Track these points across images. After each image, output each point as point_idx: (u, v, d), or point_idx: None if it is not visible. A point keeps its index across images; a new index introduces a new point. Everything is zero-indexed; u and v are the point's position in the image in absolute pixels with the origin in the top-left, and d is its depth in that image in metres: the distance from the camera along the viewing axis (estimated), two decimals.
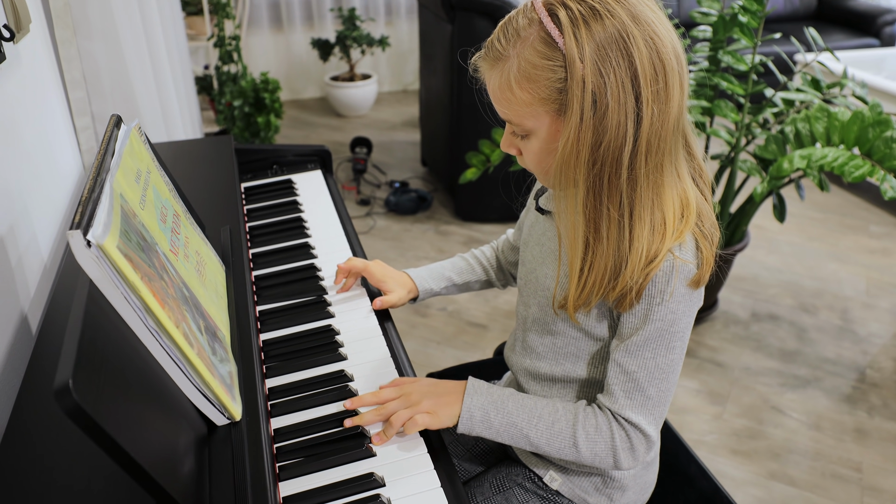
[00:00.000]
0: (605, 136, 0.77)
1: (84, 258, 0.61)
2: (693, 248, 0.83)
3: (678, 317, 0.83)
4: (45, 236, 1.14)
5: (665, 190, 0.81)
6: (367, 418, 0.87)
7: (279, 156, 1.59)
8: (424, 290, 1.15)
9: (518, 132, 0.85)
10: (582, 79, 0.75)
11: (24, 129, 1.12)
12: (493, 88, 0.84)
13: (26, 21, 1.16)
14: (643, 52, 0.76)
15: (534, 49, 0.78)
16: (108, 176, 0.73)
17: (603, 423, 0.88)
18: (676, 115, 0.79)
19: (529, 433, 0.88)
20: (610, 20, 0.75)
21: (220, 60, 3.45)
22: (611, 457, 0.88)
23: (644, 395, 0.86)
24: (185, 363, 0.70)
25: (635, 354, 0.85)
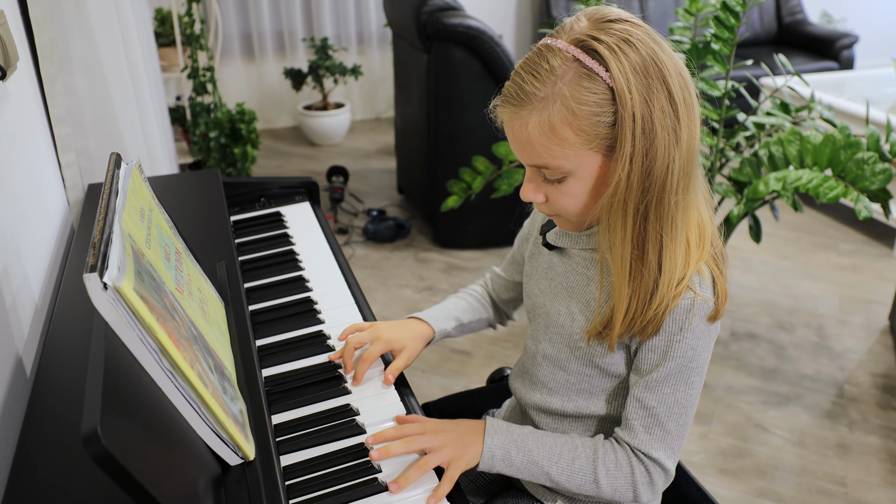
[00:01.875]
0: (656, 164, 0.77)
1: (100, 301, 0.61)
2: (710, 283, 0.84)
3: (697, 353, 0.84)
4: (35, 276, 1.12)
5: (689, 212, 0.83)
6: (396, 450, 0.85)
7: (265, 188, 1.59)
8: (440, 331, 1.11)
9: (552, 177, 0.82)
10: (632, 110, 0.75)
11: (15, 167, 1.11)
12: (532, 133, 0.79)
13: (14, 58, 1.15)
14: (674, 76, 0.77)
15: (578, 86, 0.76)
16: (115, 216, 0.72)
17: (623, 458, 0.88)
18: (698, 134, 0.81)
19: (550, 471, 0.89)
20: (642, 47, 0.76)
21: (194, 91, 3.44)
22: (630, 491, 0.88)
23: (663, 430, 0.87)
24: (200, 404, 0.69)
25: (655, 390, 0.86)
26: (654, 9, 4.69)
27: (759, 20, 4.95)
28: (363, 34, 4.67)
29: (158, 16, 3.69)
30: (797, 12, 4.93)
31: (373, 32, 4.65)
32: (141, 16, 2.15)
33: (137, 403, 0.63)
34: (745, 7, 1.97)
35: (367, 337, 1.03)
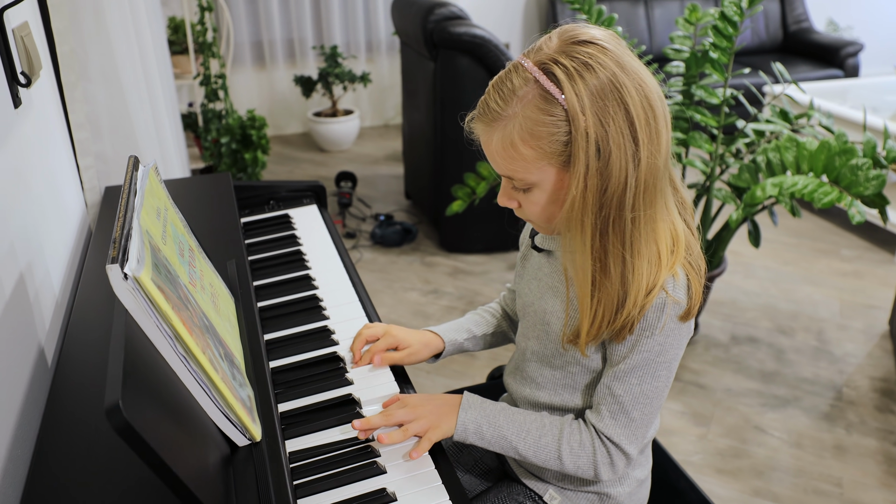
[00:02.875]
0: (611, 182, 0.81)
1: (121, 290, 0.66)
2: (685, 284, 0.88)
3: (665, 348, 0.89)
4: (56, 273, 1.18)
5: (658, 224, 0.87)
6: (375, 422, 0.94)
7: (274, 192, 1.65)
8: (450, 342, 1.15)
9: (519, 186, 0.88)
10: (585, 131, 0.79)
11: (37, 170, 1.17)
12: (495, 147, 0.85)
13: (38, 67, 1.22)
14: (635, 98, 0.80)
15: (534, 107, 0.81)
16: (134, 214, 0.78)
17: (587, 439, 0.94)
18: (665, 152, 0.84)
19: (518, 446, 0.95)
20: (602, 71, 0.80)
21: (206, 98, 3.51)
22: (592, 470, 0.94)
23: (628, 417, 0.91)
24: (211, 387, 0.75)
25: (622, 380, 0.90)
26: (660, 17, 4.74)
27: (765, 28, 4.99)
28: (372, 42, 4.74)
29: (172, 24, 3.77)
30: (802, 21, 4.96)
31: (381, 40, 4.72)
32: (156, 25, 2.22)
33: (154, 385, 0.69)
34: (742, 17, 2.02)
35: (380, 332, 1.11)
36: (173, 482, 0.61)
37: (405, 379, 1.09)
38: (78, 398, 0.92)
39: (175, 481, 0.61)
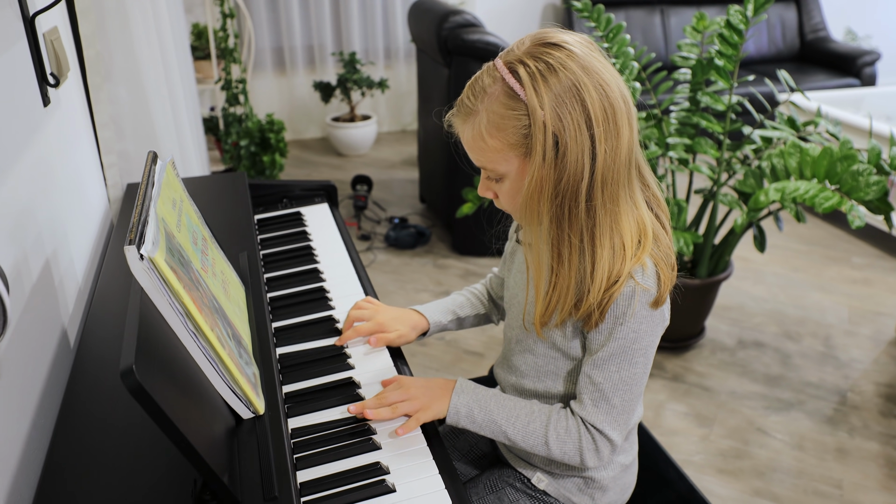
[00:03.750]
0: (566, 172, 0.88)
1: (137, 269, 0.73)
2: (654, 272, 0.93)
3: (640, 335, 0.93)
4: (79, 261, 1.25)
5: (622, 217, 0.92)
6: (369, 403, 0.99)
7: (288, 190, 1.72)
8: (434, 323, 1.22)
9: (492, 177, 0.95)
10: (543, 124, 0.86)
11: (63, 165, 1.25)
12: (467, 140, 0.94)
13: (66, 69, 1.29)
14: (594, 97, 0.87)
15: (499, 102, 0.89)
16: (151, 203, 0.85)
17: (573, 426, 0.98)
18: (627, 150, 0.90)
19: (507, 430, 0.99)
20: (563, 73, 0.87)
21: (227, 102, 3.61)
22: (577, 456, 0.98)
23: (609, 404, 0.96)
24: (218, 362, 0.81)
25: (601, 367, 0.95)
26: (676, 25, 4.77)
27: (782, 37, 5.00)
28: (390, 49, 4.82)
29: (195, 30, 3.88)
30: (820, 29, 4.97)
31: (400, 47, 4.80)
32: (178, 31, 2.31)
33: (166, 358, 0.75)
34: (747, 25, 2.06)
35: (366, 315, 1.18)
36: (182, 444, 0.67)
37: (402, 360, 1.15)
38: (97, 376, 0.98)
39: (184, 443, 0.67)
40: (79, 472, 0.81)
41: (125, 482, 0.79)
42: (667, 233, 0.98)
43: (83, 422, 0.89)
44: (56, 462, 0.83)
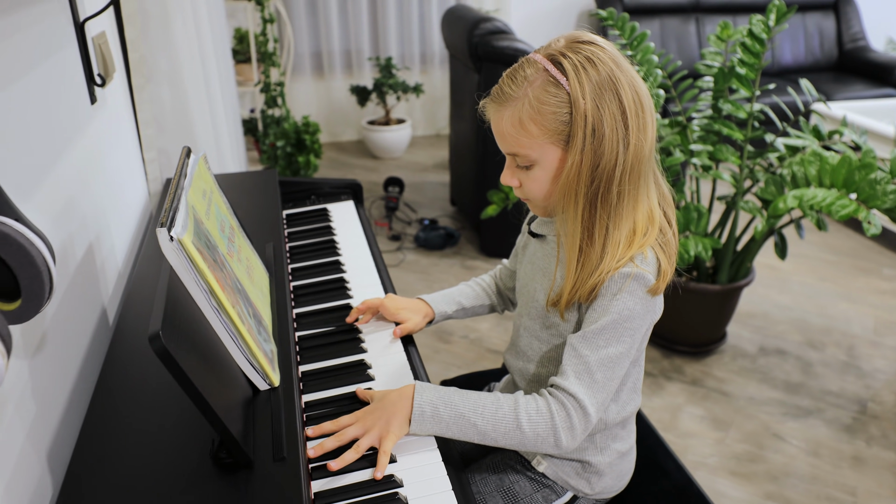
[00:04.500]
0: (603, 159, 0.95)
1: (167, 249, 0.81)
2: (654, 262, 1.00)
3: (632, 315, 0.98)
4: (119, 248, 1.36)
5: (639, 205, 0.99)
6: (328, 445, 0.93)
7: (316, 188, 1.81)
8: (440, 313, 1.28)
9: (522, 164, 1.01)
10: (584, 113, 0.93)
11: (107, 159, 1.35)
12: (504, 126, 0.99)
13: (111, 71, 1.40)
14: (628, 92, 0.95)
15: (543, 90, 0.95)
16: (183, 192, 0.93)
17: (542, 405, 0.98)
18: (651, 143, 0.97)
19: (476, 421, 0.96)
20: (602, 66, 0.94)
21: (266, 104, 3.73)
22: (552, 436, 0.97)
23: (592, 378, 0.98)
24: (238, 335, 0.89)
25: (589, 341, 0.98)
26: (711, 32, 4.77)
27: (820, 46, 4.97)
28: (426, 55, 4.91)
29: (237, 35, 4.02)
30: (859, 39, 4.92)
31: (435, 53, 4.89)
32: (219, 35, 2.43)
33: (190, 329, 0.83)
34: (770, 34, 2.09)
35: (377, 302, 1.26)
36: (201, 404, 0.75)
37: (413, 345, 1.22)
38: (132, 352, 1.08)
39: (203, 404, 0.75)
40: (112, 431, 0.90)
41: (152, 441, 0.88)
42: (672, 229, 1.04)
43: (118, 389, 0.98)
44: (93, 422, 0.92)
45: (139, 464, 0.85)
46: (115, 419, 0.92)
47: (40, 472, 0.86)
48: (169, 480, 0.82)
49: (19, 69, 0.95)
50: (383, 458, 0.92)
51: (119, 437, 0.89)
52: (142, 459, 0.85)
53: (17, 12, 0.94)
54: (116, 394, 0.97)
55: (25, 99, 0.96)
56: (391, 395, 1.00)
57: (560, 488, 1.16)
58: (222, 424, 0.76)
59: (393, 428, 0.96)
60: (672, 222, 1.05)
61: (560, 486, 1.16)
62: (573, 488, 1.16)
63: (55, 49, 1.11)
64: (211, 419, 0.76)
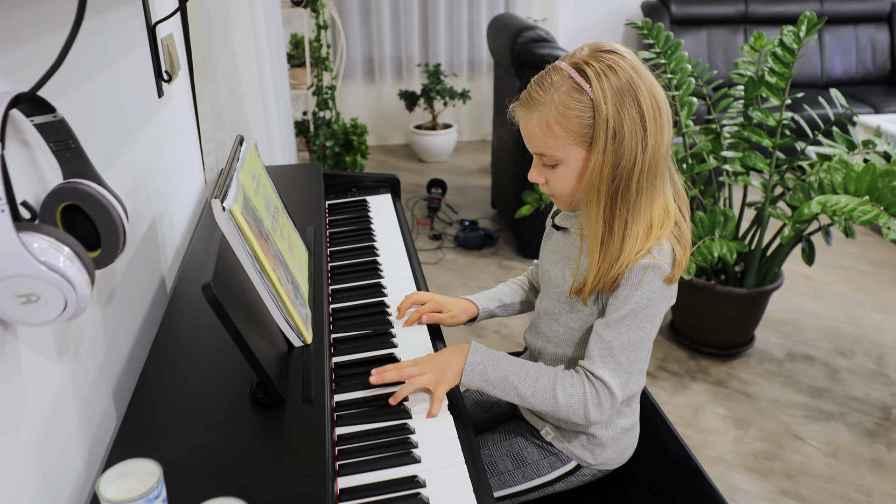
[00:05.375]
0: (623, 159, 1.04)
1: (220, 218, 0.96)
2: (669, 252, 1.09)
3: (651, 302, 1.08)
4: (178, 226, 1.52)
5: (655, 201, 1.09)
6: (388, 376, 1.09)
7: (358, 181, 1.95)
8: (483, 309, 1.39)
9: (548, 163, 1.11)
10: (606, 116, 1.03)
11: (170, 148, 1.52)
12: (532, 128, 1.08)
13: (177, 69, 1.57)
14: (646, 97, 1.04)
15: (568, 95, 1.05)
16: (235, 173, 1.08)
17: (578, 381, 1.11)
18: (667, 144, 1.07)
19: (518, 385, 1.11)
20: (622, 73, 1.04)
21: (317, 107, 3.91)
22: (582, 409, 1.10)
23: (615, 361, 1.10)
24: (277, 296, 1.03)
25: (613, 328, 1.10)
26: None
27: (872, 59, 4.92)
28: (474, 62, 5.05)
29: (293, 40, 4.22)
30: None
31: (483, 60, 5.02)
32: (275, 40, 2.60)
33: (236, 288, 0.97)
34: (800, 44, 2.15)
35: (426, 298, 1.35)
36: (243, 347, 0.89)
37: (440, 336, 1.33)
38: (186, 315, 1.23)
39: (245, 347, 0.89)
40: (167, 375, 1.05)
41: (200, 384, 1.02)
42: (686, 223, 1.13)
43: (173, 344, 1.13)
44: (151, 367, 1.06)
45: (188, 401, 0.99)
46: (169, 365, 1.07)
47: (107, 403, 1.01)
48: (212, 415, 0.96)
49: (102, 64, 1.10)
50: (436, 404, 1.07)
51: (173, 379, 1.04)
52: (191, 397, 1.00)
53: (100, 16, 1.10)
54: (171, 347, 1.12)
55: (107, 89, 1.11)
56: (448, 350, 1.15)
57: (565, 457, 1.26)
58: (259, 365, 0.90)
59: (447, 377, 1.10)
60: (686, 216, 1.15)
61: (565, 455, 1.26)
62: (577, 458, 1.26)
63: (131, 48, 1.28)
64: (250, 360, 0.90)
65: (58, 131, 0.79)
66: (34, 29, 0.84)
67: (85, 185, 0.80)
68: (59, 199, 0.79)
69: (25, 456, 0.76)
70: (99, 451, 0.97)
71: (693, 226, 2.24)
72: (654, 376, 2.54)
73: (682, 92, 2.36)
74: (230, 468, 0.86)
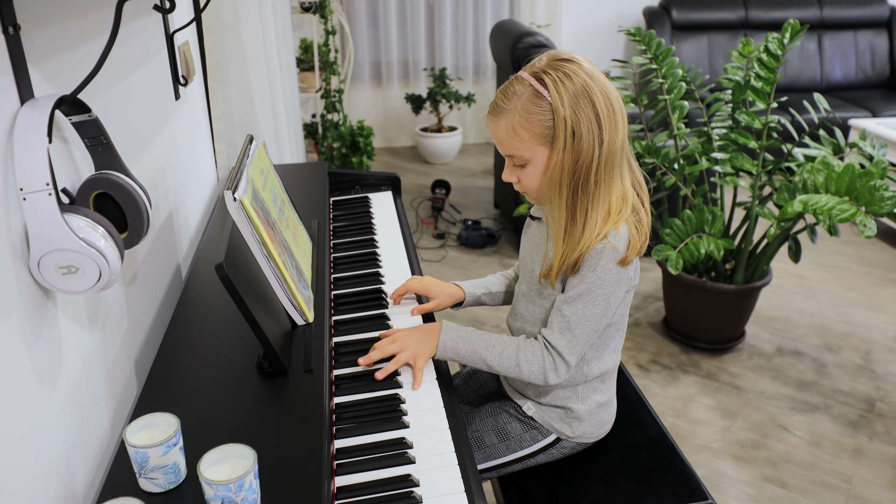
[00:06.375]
0: (581, 155, 1.16)
1: (231, 207, 1.07)
2: (625, 237, 1.20)
3: (603, 283, 1.20)
4: (193, 219, 1.64)
5: (613, 189, 1.20)
6: (373, 356, 1.22)
7: (361, 179, 2.06)
8: (469, 294, 1.51)
9: (518, 163, 1.22)
10: (564, 118, 1.14)
11: (186, 147, 1.64)
12: (501, 133, 1.20)
13: (192, 73, 1.69)
14: (600, 98, 1.16)
15: (529, 102, 1.17)
16: (245, 168, 1.19)
17: (538, 349, 1.24)
18: (622, 140, 1.18)
19: (486, 356, 1.25)
20: (577, 78, 1.15)
21: (325, 110, 4.04)
22: (542, 374, 1.23)
23: (571, 333, 1.22)
24: (282, 279, 1.14)
25: (570, 303, 1.21)
26: None
27: (871, 64, 5.00)
28: (479, 66, 5.16)
29: (303, 45, 4.35)
30: None
31: (488, 65, 5.13)
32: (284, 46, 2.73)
33: (245, 269, 1.09)
34: (784, 50, 2.25)
35: (418, 286, 1.47)
36: (251, 321, 1.00)
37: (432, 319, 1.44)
38: (199, 299, 1.34)
39: (252, 321, 1.00)
40: (183, 349, 1.16)
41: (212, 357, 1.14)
42: (645, 208, 1.24)
43: (188, 323, 1.25)
44: (168, 343, 1.18)
45: (201, 370, 1.11)
46: (184, 340, 1.19)
47: (129, 372, 1.13)
48: (222, 384, 1.07)
49: (127, 69, 1.22)
50: (418, 374, 1.21)
51: (187, 352, 1.16)
52: (203, 368, 1.11)
53: (126, 26, 1.22)
54: (186, 325, 1.24)
55: (130, 92, 1.23)
56: (423, 327, 1.28)
57: (545, 430, 1.37)
58: (265, 336, 1.01)
59: (425, 350, 1.24)
60: (645, 202, 1.26)
61: (545, 429, 1.37)
62: (557, 431, 1.37)
63: (152, 55, 1.40)
64: (256, 332, 1.01)
65: (92, 129, 0.90)
66: (71, 41, 0.96)
67: (115, 175, 0.92)
68: (92, 187, 0.90)
69: (62, 408, 0.87)
70: (122, 413, 1.09)
71: (680, 223, 2.35)
72: (647, 369, 2.64)
73: (672, 96, 2.47)
74: (238, 428, 0.98)
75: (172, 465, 0.85)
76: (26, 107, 0.77)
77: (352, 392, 1.14)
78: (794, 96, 4.43)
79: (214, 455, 0.82)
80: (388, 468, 0.99)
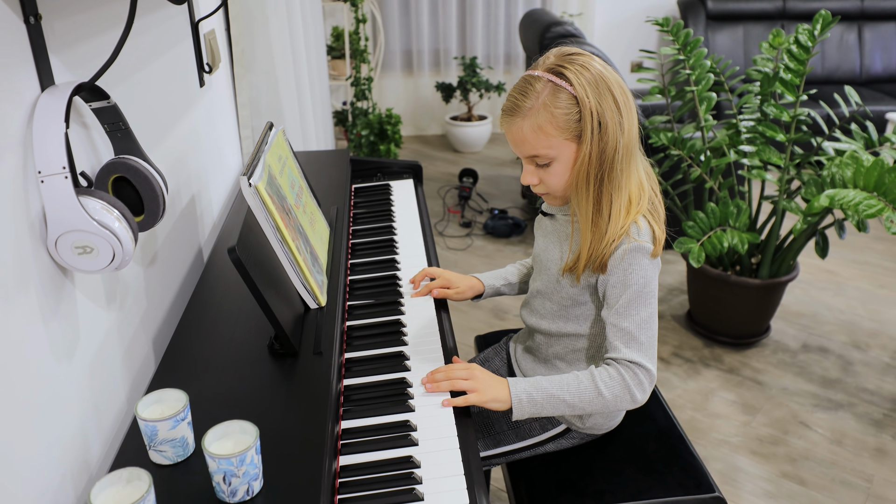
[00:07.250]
0: (608, 145, 1.16)
1: (247, 193, 1.10)
2: (648, 230, 1.20)
3: (647, 281, 1.19)
4: (216, 203, 1.68)
5: (632, 176, 1.20)
6: (444, 386, 1.16)
7: (383, 167, 2.09)
8: (489, 286, 1.52)
9: (541, 163, 1.21)
10: (590, 110, 1.14)
11: (210, 133, 1.67)
12: (525, 133, 1.16)
13: (218, 61, 1.72)
14: (616, 88, 1.16)
15: (552, 98, 1.16)
16: (263, 154, 1.22)
17: (613, 371, 1.19)
18: (636, 125, 1.19)
19: (565, 397, 1.17)
20: (593, 69, 1.16)
21: (355, 97, 4.07)
22: (627, 394, 1.17)
23: (637, 342, 1.19)
24: (296, 264, 1.17)
25: (624, 314, 1.19)
26: None
27: None
28: (510, 55, 5.15)
29: (335, 33, 4.38)
30: None
31: (518, 54, 5.11)
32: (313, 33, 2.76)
33: (259, 253, 1.12)
34: (814, 42, 2.21)
35: (437, 274, 1.48)
36: (262, 304, 1.03)
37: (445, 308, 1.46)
38: (219, 282, 1.38)
39: (263, 303, 1.03)
40: (199, 329, 1.20)
41: (227, 338, 1.17)
42: (657, 198, 1.24)
43: (205, 305, 1.28)
44: (186, 322, 1.22)
45: (216, 349, 1.14)
46: (201, 321, 1.22)
47: (147, 350, 1.17)
48: (236, 363, 1.11)
49: (151, 56, 1.26)
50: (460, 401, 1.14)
51: (204, 332, 1.19)
52: (218, 348, 1.15)
53: (151, 14, 1.26)
54: (204, 306, 1.28)
55: (154, 79, 1.27)
56: (496, 377, 1.20)
57: (556, 420, 1.38)
58: (275, 318, 1.04)
59: (487, 395, 1.17)
60: (656, 191, 1.26)
61: (556, 419, 1.38)
62: (567, 422, 1.38)
63: (176, 42, 1.43)
64: (268, 314, 1.04)
65: (111, 115, 0.94)
66: (92, 30, 0.99)
67: (132, 160, 0.95)
68: (110, 171, 0.94)
69: (78, 381, 0.91)
70: (139, 389, 1.13)
71: (704, 216, 2.33)
72: (668, 362, 2.63)
73: (700, 87, 2.44)
74: (247, 405, 1.01)
75: (181, 438, 0.89)
76: (46, 93, 0.80)
77: (362, 375, 1.17)
78: (832, 89, 4.34)
79: (219, 430, 0.85)
80: (391, 449, 1.01)
